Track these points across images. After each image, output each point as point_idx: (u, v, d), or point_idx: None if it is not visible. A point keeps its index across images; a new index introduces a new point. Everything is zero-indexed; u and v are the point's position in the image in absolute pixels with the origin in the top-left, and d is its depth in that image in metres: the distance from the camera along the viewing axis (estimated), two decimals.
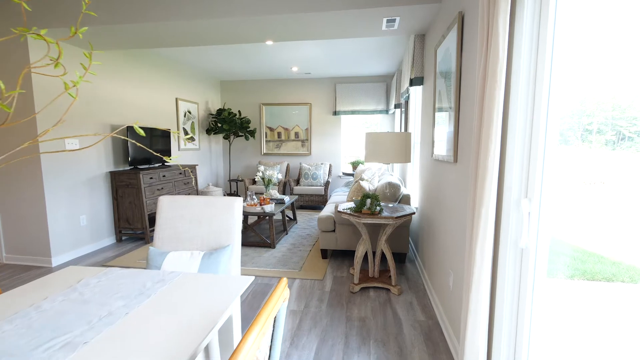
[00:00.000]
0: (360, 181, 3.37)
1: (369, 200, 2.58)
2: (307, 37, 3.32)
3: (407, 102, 4.43)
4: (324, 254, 3.42)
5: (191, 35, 3.18)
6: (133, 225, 4.00)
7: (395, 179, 3.25)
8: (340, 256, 3.49)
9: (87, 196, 3.67)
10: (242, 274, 3.00)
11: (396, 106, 5.15)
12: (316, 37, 3.28)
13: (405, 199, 3.20)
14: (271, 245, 3.77)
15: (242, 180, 6.20)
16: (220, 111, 6.12)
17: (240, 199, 1.76)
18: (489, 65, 1.14)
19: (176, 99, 5.30)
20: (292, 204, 4.86)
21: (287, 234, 4.34)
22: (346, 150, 6.75)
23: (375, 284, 2.72)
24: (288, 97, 6.62)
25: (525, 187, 1.18)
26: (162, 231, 1.74)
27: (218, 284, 1.24)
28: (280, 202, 4.29)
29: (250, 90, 6.71)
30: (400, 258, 3.32)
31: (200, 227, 1.72)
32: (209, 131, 6.16)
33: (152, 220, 4.29)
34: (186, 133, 5.62)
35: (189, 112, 5.69)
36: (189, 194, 4.90)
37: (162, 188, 4.27)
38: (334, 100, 6.48)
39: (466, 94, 1.78)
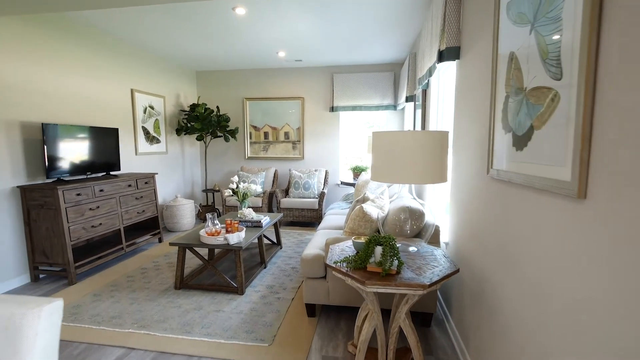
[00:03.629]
0: (363, 204, 2.28)
1: (379, 250, 1.50)
2: None
3: (425, 92, 3.35)
4: (311, 309, 2.34)
5: None
6: (51, 260, 2.92)
7: (415, 203, 2.16)
8: (334, 313, 2.40)
9: None
10: (179, 352, 1.92)
11: (408, 99, 4.07)
12: None
13: (426, 228, 2.11)
14: (238, 291, 2.69)
15: (218, 191, 5.13)
16: (193, 107, 5.05)
17: (56, 305, 0.68)
18: None
19: (131, 91, 4.23)
20: (276, 224, 3.78)
21: (265, 267, 3.26)
22: (346, 154, 5.67)
23: None
24: (276, 90, 5.54)
25: None
26: None
27: None
28: (256, 225, 3.21)
29: (232, 82, 5.64)
30: (424, 320, 2.23)
31: None
32: (179, 131, 5.08)
33: (79, 252, 3.21)
34: (147, 133, 4.54)
35: (151, 108, 4.61)
36: (143, 212, 3.82)
37: (98, 207, 3.19)
38: (330, 94, 5.40)
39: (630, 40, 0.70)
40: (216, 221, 2.83)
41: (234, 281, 2.83)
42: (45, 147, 2.88)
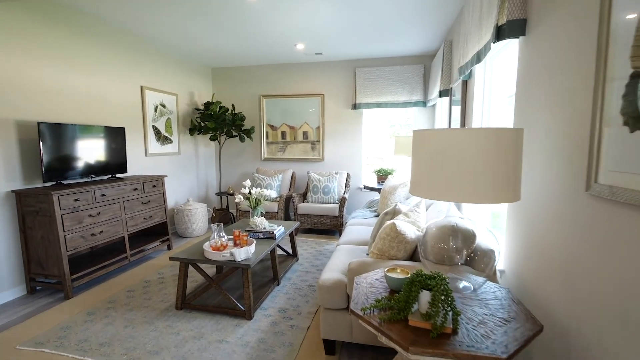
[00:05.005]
0: (396, 221, 1.85)
1: (426, 296, 1.07)
2: None
3: (466, 84, 2.85)
4: (330, 346, 1.93)
5: None
6: (47, 271, 2.68)
7: (463, 221, 1.70)
8: (358, 352, 1.98)
9: None
10: None
11: (442, 94, 3.58)
12: None
13: (484, 258, 1.65)
14: (246, 315, 2.32)
15: (232, 194, 4.82)
16: (207, 105, 4.77)
17: None
18: None
19: (141, 88, 3.98)
20: (292, 233, 3.40)
21: (278, 284, 2.88)
22: (369, 155, 5.21)
23: None
24: (295, 86, 5.17)
25: None
26: None
27: None
28: (268, 237, 2.84)
29: (248, 79, 5.33)
30: None
31: None
32: (192, 130, 4.82)
33: (78, 262, 2.95)
34: (158, 133, 4.30)
35: (163, 106, 4.36)
36: (150, 217, 3.55)
37: (99, 213, 2.93)
38: (353, 90, 4.96)
39: None
40: (222, 233, 2.48)
41: (242, 303, 2.47)
42: (41, 148, 2.64)
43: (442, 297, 1.04)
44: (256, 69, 5.27)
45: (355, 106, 4.89)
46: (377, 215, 3.53)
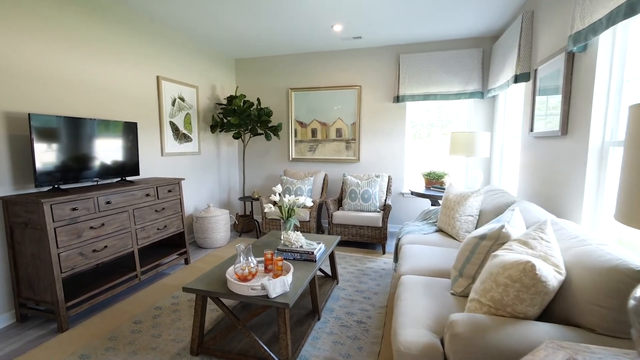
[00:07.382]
0: (534, 259, 1.18)
1: None
2: None
3: (572, 60, 2.13)
4: None
5: None
6: (38, 296, 2.19)
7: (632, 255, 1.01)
8: None
9: None
10: None
11: (518, 78, 2.86)
12: None
13: None
14: None
15: (257, 199, 4.27)
16: (231, 99, 4.25)
17: None
18: None
19: (157, 78, 3.49)
20: (333, 253, 2.77)
21: (319, 319, 2.27)
22: (414, 156, 4.52)
23: None
24: (327, 78, 4.56)
25: None
26: None
27: None
28: (307, 258, 2.23)
29: (275, 70, 4.77)
30: None
31: None
32: (214, 127, 4.31)
33: (76, 284, 2.44)
34: (176, 130, 3.80)
35: (182, 100, 3.86)
36: (165, 227, 3.03)
37: (103, 224, 2.43)
38: (395, 80, 4.29)
39: None
40: (251, 257, 1.89)
41: (275, 350, 1.87)
42: (33, 145, 2.16)
43: None
44: (284, 59, 4.70)
45: (398, 99, 4.22)
46: (437, 230, 2.85)
